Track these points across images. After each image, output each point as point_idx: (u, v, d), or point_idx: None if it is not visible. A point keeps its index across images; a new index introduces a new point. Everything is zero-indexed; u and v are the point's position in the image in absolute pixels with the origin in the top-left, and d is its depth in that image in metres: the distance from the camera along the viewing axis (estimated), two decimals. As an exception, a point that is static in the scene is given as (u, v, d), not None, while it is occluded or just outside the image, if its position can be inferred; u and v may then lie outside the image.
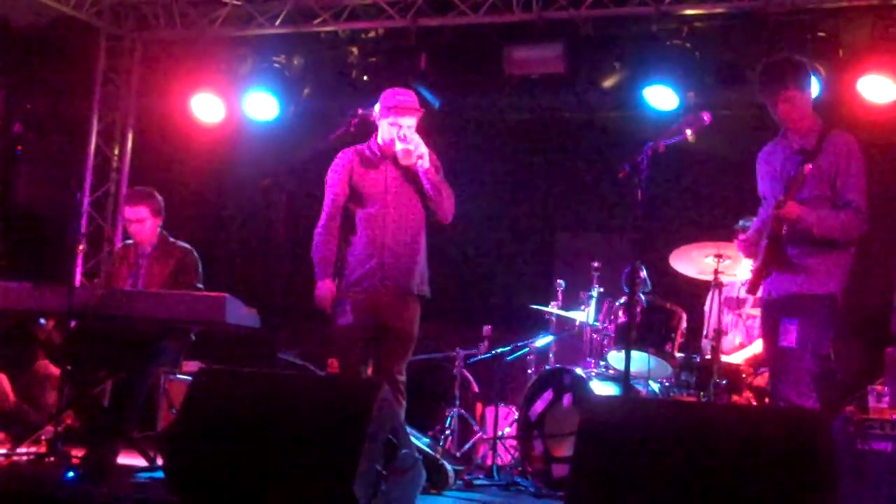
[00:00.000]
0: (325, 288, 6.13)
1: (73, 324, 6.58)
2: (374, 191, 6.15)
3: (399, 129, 6.10)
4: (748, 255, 5.77)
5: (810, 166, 5.14)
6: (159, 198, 7.15)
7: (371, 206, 6.15)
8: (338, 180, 6.23)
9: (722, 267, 6.97)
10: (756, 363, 7.09)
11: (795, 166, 5.36)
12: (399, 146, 6.07)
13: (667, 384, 7.23)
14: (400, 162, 6.11)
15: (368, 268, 6.10)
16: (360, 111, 6.20)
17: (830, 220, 5.26)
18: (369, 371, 6.25)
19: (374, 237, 6.11)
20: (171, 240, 7.16)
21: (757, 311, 6.68)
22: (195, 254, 7.12)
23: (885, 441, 5.42)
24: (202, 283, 7.03)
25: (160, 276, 6.96)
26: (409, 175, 6.14)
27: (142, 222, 7.04)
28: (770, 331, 5.48)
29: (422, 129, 6.15)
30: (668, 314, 7.11)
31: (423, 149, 6.08)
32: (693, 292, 7.68)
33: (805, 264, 5.33)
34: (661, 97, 8.79)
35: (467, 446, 8.25)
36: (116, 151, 10.46)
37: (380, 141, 6.22)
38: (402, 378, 6.08)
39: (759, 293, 5.69)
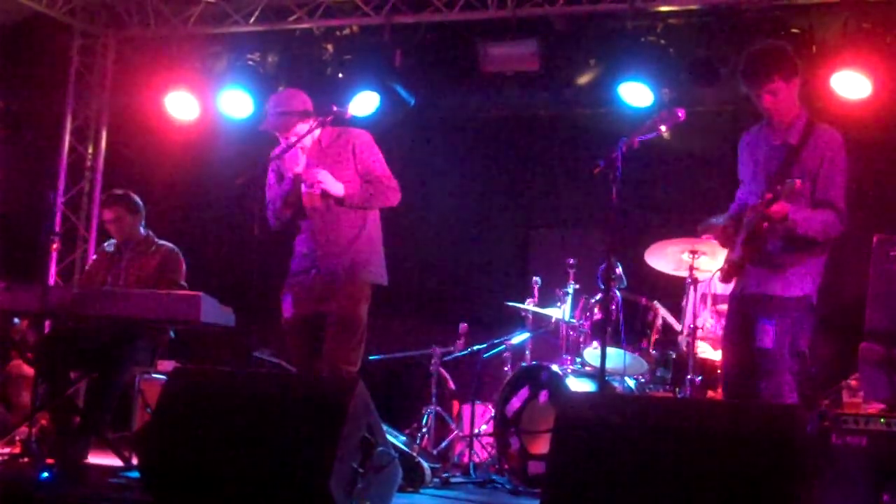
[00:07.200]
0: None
1: (47, 324, 6.53)
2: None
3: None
4: (724, 245, 5.64)
5: (800, 182, 5.01)
6: (136, 198, 7.23)
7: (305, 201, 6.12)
8: None
9: (697, 263, 6.99)
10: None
11: (778, 160, 5.34)
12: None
13: (642, 380, 7.26)
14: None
15: (303, 260, 6.08)
16: (334, 108, 6.17)
17: (814, 220, 5.19)
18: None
19: (308, 230, 6.07)
20: (155, 239, 7.20)
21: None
22: (179, 253, 7.16)
23: (860, 436, 5.42)
24: (185, 280, 7.07)
25: (142, 274, 6.98)
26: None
27: (119, 220, 7.12)
28: (739, 326, 5.43)
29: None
30: (643, 310, 7.13)
31: (328, 184, 5.96)
32: (668, 289, 7.69)
33: (782, 263, 5.30)
34: (635, 94, 8.81)
35: (444, 444, 8.26)
36: (90, 150, 10.43)
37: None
38: (352, 368, 5.89)
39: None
